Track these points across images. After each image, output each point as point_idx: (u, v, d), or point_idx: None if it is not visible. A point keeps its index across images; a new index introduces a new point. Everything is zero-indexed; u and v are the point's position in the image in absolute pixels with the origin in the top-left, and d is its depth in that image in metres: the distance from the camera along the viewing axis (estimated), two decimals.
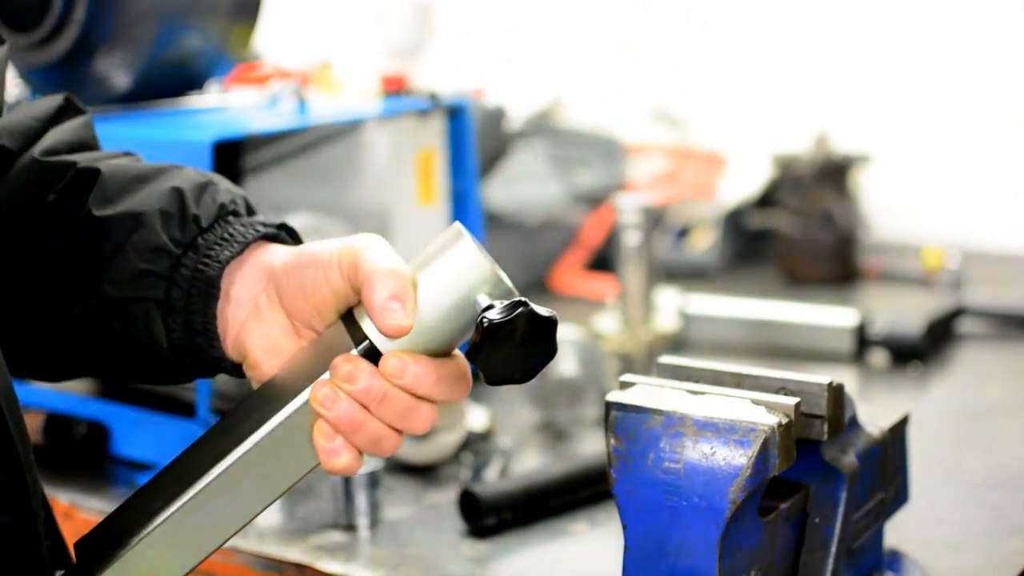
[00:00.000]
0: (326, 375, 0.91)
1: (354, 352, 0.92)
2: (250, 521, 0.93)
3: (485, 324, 0.88)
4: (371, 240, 0.96)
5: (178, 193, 1.01)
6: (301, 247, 1.01)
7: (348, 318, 0.95)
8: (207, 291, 0.99)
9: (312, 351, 0.96)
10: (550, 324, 0.90)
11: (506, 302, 0.89)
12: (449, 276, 0.92)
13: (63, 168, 1.03)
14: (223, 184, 1.05)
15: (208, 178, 1.04)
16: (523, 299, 0.90)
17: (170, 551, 0.92)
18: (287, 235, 1.04)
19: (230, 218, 1.02)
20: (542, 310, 0.90)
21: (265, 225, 1.02)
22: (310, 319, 0.97)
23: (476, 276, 0.91)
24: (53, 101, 1.11)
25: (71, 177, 1.03)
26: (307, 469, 0.93)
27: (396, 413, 0.91)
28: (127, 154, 1.09)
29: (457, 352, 0.94)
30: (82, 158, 1.05)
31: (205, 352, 1.00)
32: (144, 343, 1.00)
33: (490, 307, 0.89)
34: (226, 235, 1.01)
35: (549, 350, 0.89)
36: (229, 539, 0.93)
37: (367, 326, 0.93)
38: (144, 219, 1.00)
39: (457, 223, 0.95)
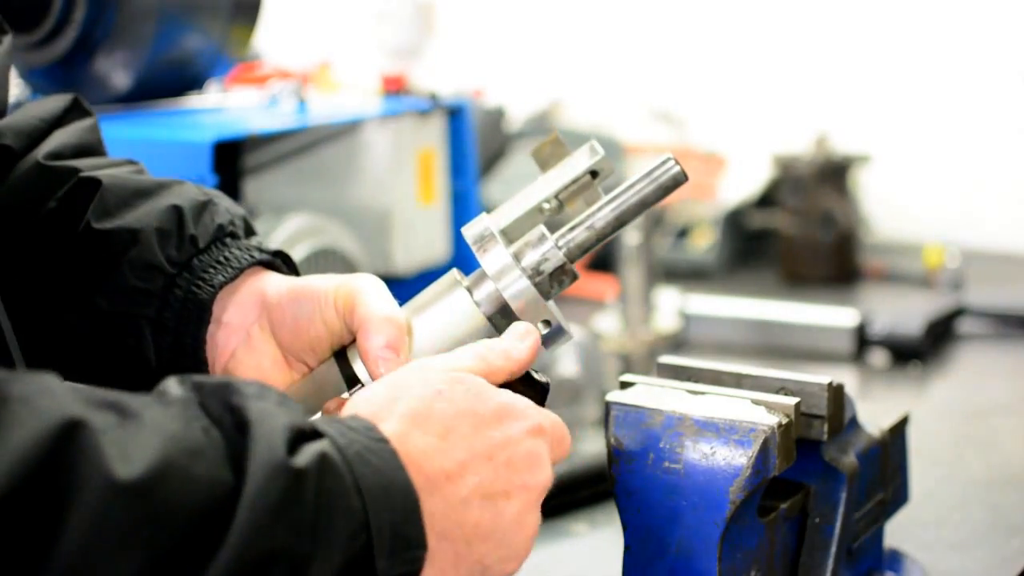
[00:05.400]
0: (318, 416, 0.92)
1: (346, 395, 0.94)
2: None
3: None
4: (368, 281, 0.96)
5: (177, 211, 1.01)
6: (296, 279, 1.01)
7: (341, 356, 0.96)
8: (198, 314, 0.99)
9: (304, 389, 0.97)
10: (542, 390, 0.91)
11: None
12: (442, 326, 0.94)
13: (65, 175, 1.03)
14: (223, 203, 1.04)
15: (208, 196, 1.04)
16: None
17: None
18: (283, 263, 1.04)
19: (227, 240, 1.02)
20: (538, 376, 0.91)
21: (261, 251, 1.02)
22: (302, 353, 0.98)
23: (469, 327, 0.93)
24: (60, 101, 1.11)
25: (72, 186, 1.02)
26: None
27: None
28: (130, 162, 1.09)
29: None
30: (85, 165, 1.04)
31: (193, 374, 1.00)
32: (133, 359, 1.00)
33: None
34: (222, 258, 1.00)
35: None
36: None
37: (359, 368, 0.94)
38: (141, 236, 1.00)
39: (454, 270, 0.96)
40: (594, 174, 0.96)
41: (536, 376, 0.92)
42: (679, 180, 0.94)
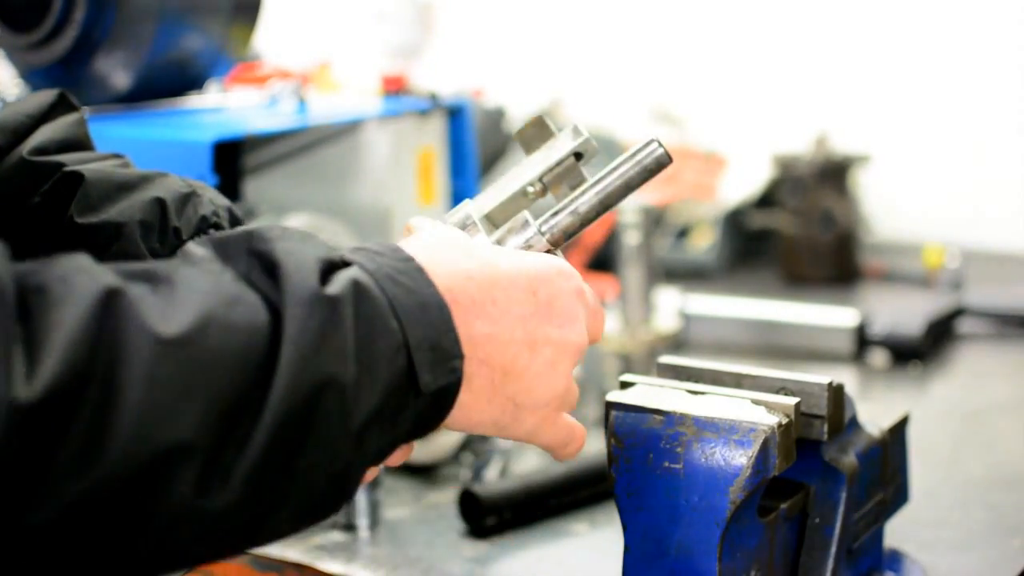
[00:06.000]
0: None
1: None
2: None
3: None
4: None
5: (160, 204, 1.01)
6: None
7: None
8: None
9: None
10: None
11: None
12: None
13: (49, 170, 1.03)
14: (207, 194, 1.04)
15: (192, 188, 1.04)
16: None
17: None
18: None
19: (211, 231, 1.02)
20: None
21: None
22: None
23: None
24: (46, 97, 1.10)
25: (56, 181, 1.02)
26: None
27: None
28: (116, 156, 1.09)
29: None
30: (69, 159, 1.04)
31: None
32: None
33: None
34: None
35: None
36: None
37: None
38: (125, 229, 1.00)
39: None
40: (578, 156, 0.96)
41: None
42: (663, 162, 0.94)
